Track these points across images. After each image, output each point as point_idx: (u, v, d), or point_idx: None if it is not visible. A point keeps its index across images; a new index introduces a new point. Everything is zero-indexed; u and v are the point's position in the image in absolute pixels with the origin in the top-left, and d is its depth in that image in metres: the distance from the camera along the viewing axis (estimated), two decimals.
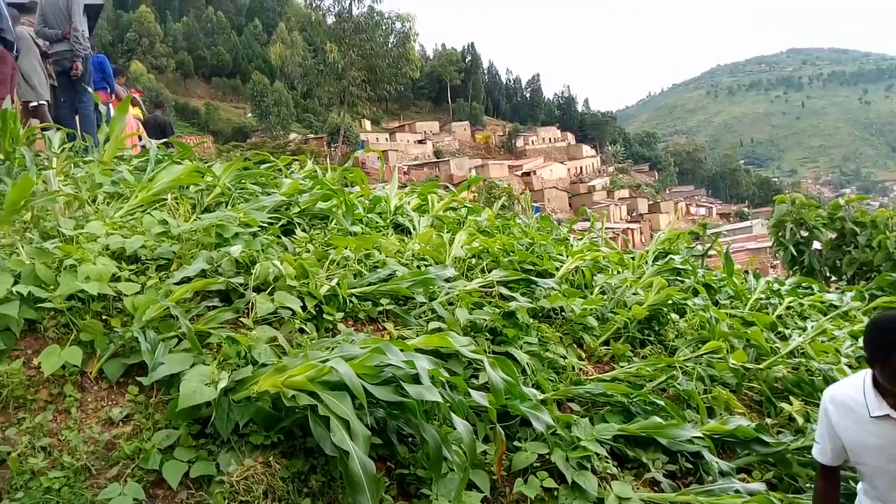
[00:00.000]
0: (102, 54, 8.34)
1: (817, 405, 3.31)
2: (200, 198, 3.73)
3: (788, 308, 4.69)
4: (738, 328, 3.87)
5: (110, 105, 7.43)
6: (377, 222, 4.36)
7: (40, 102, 6.68)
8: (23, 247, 2.78)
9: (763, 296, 4.80)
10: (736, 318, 4.08)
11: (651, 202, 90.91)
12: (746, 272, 6.89)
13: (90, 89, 6.34)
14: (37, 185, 3.05)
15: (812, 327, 4.23)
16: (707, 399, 3.13)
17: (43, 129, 4.90)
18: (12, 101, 5.37)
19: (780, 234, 7.46)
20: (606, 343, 3.44)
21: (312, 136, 77.81)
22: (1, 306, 2.33)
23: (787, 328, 4.32)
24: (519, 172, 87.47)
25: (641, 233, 75.54)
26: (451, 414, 2.16)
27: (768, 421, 3.20)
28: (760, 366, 3.50)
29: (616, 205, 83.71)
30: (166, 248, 2.90)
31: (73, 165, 4.34)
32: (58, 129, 4.93)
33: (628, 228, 70.32)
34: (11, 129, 4.33)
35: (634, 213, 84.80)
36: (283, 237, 3.49)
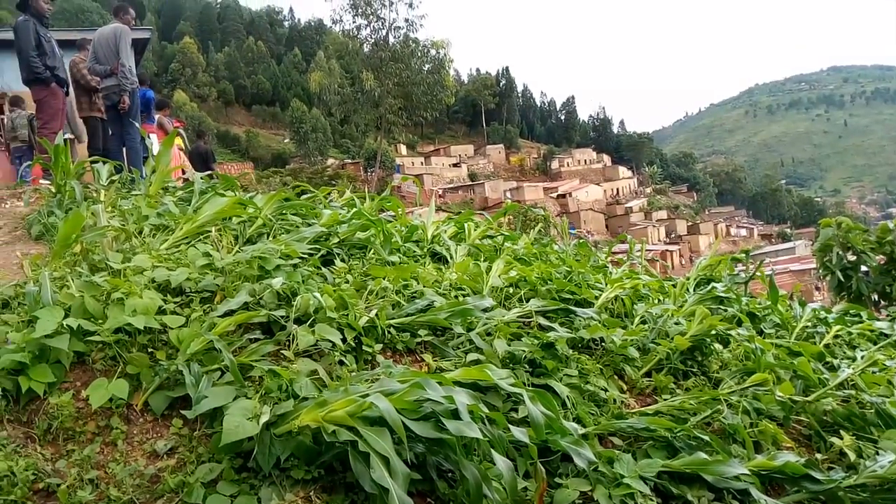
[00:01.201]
0: (149, 87, 8.63)
1: (869, 440, 3.21)
2: (243, 229, 3.81)
3: (836, 337, 4.54)
4: (784, 358, 3.76)
5: (154, 136, 7.67)
6: (414, 251, 4.38)
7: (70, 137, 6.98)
8: (73, 280, 2.87)
9: (809, 324, 4.67)
10: (782, 347, 3.97)
11: (690, 223, 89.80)
12: (791, 296, 6.72)
13: (137, 122, 6.56)
14: (86, 220, 3.15)
15: (862, 357, 4.10)
16: (753, 433, 3.04)
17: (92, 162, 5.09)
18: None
19: (825, 258, 7.25)
20: (648, 374, 3.38)
21: (349, 161, 79.12)
22: (52, 340, 2.40)
23: (836, 358, 4.19)
24: (554, 194, 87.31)
25: (681, 255, 74.54)
26: (491, 450, 2.14)
27: (818, 456, 3.09)
28: (808, 398, 3.40)
29: (654, 226, 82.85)
30: (210, 281, 2.96)
31: (120, 198, 4.48)
32: (104, 161, 5.10)
33: (667, 250, 69.48)
34: (63, 163, 4.51)
35: (673, 235, 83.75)
36: (322, 268, 3.53)
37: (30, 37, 6.26)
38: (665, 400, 3.15)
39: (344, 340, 2.72)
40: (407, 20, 41.92)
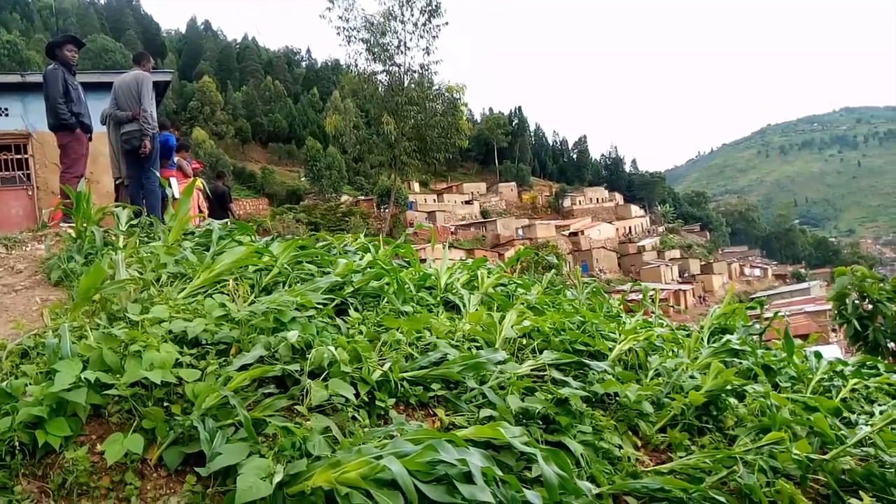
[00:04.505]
0: (170, 132, 8.81)
1: (890, 501, 3.15)
2: (259, 278, 3.85)
3: (853, 391, 4.48)
4: (800, 414, 3.72)
5: (174, 179, 7.81)
6: (427, 301, 4.40)
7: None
8: (91, 331, 2.91)
9: (826, 377, 4.61)
10: (798, 402, 3.92)
11: (703, 263, 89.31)
12: (805, 337, 6.63)
13: (157, 166, 6.69)
14: (106, 271, 3.20)
15: (879, 412, 4.04)
16: (770, 493, 2.99)
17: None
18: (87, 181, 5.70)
19: (841, 307, 7.20)
20: (663, 430, 3.34)
21: (363, 198, 79.84)
22: (70, 393, 2.42)
23: (853, 413, 4.13)
24: (566, 232, 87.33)
25: (694, 294, 73.98)
26: None
27: None
28: (826, 456, 3.34)
29: (667, 265, 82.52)
30: (226, 333, 2.99)
31: (139, 243, 4.55)
32: (124, 207, 5.20)
33: (680, 290, 69.00)
34: (84, 209, 4.60)
35: (686, 274, 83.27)
36: (337, 318, 3.56)
37: (58, 85, 6.46)
38: (680, 457, 3.12)
39: (357, 395, 2.73)
40: (422, 65, 42.48)
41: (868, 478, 3.25)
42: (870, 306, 7.19)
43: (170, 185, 6.13)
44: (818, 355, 4.88)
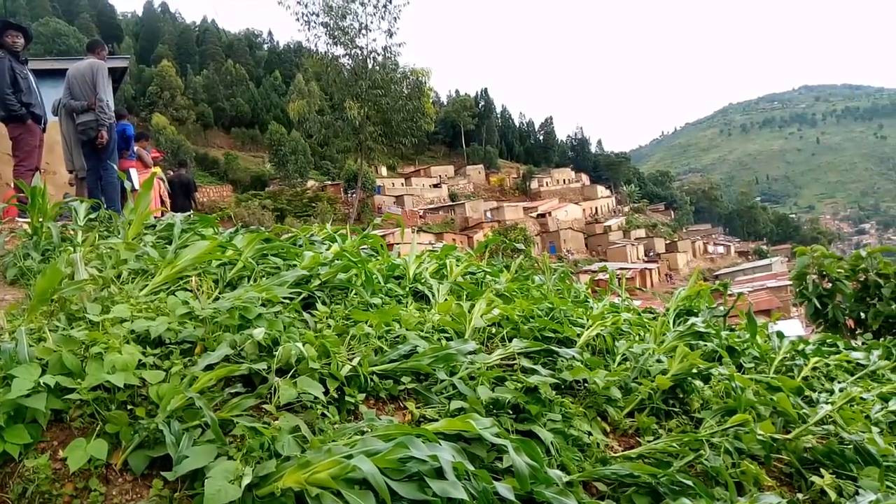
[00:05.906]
0: (127, 122, 8.58)
1: (849, 477, 3.25)
2: (223, 272, 3.78)
3: (814, 369, 4.60)
4: (763, 394, 3.80)
5: (131, 171, 7.62)
6: (396, 291, 4.37)
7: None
8: (50, 333, 2.83)
9: (788, 356, 4.72)
10: (761, 383, 4.01)
11: (668, 241, 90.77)
12: (768, 313, 6.79)
13: (115, 157, 6.51)
14: (64, 270, 3.11)
15: (839, 390, 4.16)
16: (735, 474, 3.06)
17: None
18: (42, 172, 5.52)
19: (801, 286, 7.37)
20: (631, 414, 3.39)
21: (329, 182, 79.09)
22: (29, 399, 2.35)
23: (814, 391, 4.24)
24: (534, 214, 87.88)
25: (660, 273, 75.19)
26: None
27: (799, 496, 3.11)
28: (789, 436, 3.43)
29: (633, 245, 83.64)
30: (190, 332, 2.93)
31: (98, 237, 4.43)
32: (82, 200, 5.05)
33: (646, 268, 70.06)
34: (40, 204, 4.46)
35: (651, 253, 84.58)
36: (304, 312, 3.51)
37: (4, 74, 6.22)
38: (648, 441, 3.16)
39: (326, 392, 2.70)
40: (385, 48, 41.88)
41: (829, 455, 3.35)
42: (829, 285, 7.38)
43: (129, 177, 5.98)
44: (780, 335, 5.00)
